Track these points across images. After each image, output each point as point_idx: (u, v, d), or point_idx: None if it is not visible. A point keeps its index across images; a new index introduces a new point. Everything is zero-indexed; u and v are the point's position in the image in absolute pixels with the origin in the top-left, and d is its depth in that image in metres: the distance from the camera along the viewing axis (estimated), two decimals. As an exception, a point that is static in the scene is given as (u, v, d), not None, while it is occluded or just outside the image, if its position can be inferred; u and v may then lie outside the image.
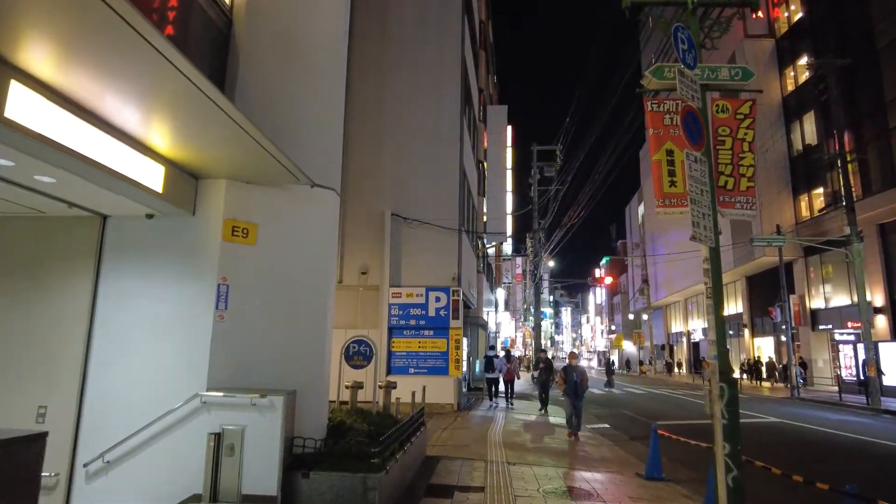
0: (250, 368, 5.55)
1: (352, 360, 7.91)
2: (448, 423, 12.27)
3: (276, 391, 5.24)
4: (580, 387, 10.77)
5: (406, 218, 15.17)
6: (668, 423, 14.09)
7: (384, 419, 7.59)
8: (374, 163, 15.70)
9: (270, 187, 5.88)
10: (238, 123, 4.53)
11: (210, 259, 5.52)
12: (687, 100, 5.43)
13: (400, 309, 14.74)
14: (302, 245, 6.07)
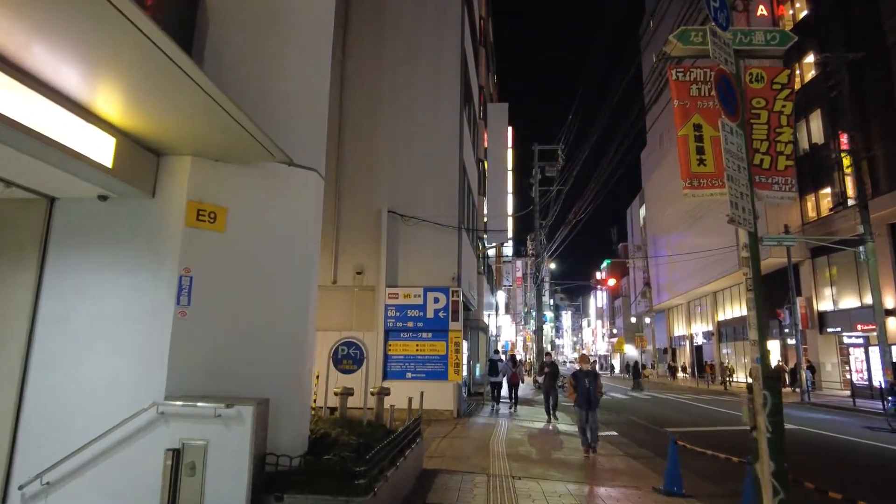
0: (217, 373, 4.78)
1: (340, 364, 7.15)
2: (447, 430, 11.48)
3: (245, 400, 4.47)
4: (593, 395, 9.24)
5: (403, 215, 14.42)
6: (678, 429, 13.30)
7: (376, 430, 6.81)
8: (370, 158, 14.96)
9: (243, 166, 5.13)
10: (202, 87, 3.79)
11: (171, 247, 4.76)
12: (720, 63, 4.70)
13: (397, 310, 13.97)
14: (280, 233, 5.31)
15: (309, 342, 5.50)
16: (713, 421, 15.14)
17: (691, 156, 5.03)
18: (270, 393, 4.85)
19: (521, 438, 10.84)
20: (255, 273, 5.11)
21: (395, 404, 12.47)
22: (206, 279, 4.84)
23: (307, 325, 5.46)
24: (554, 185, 27.08)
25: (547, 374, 14.41)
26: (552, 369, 14.47)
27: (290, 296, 5.33)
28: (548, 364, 14.99)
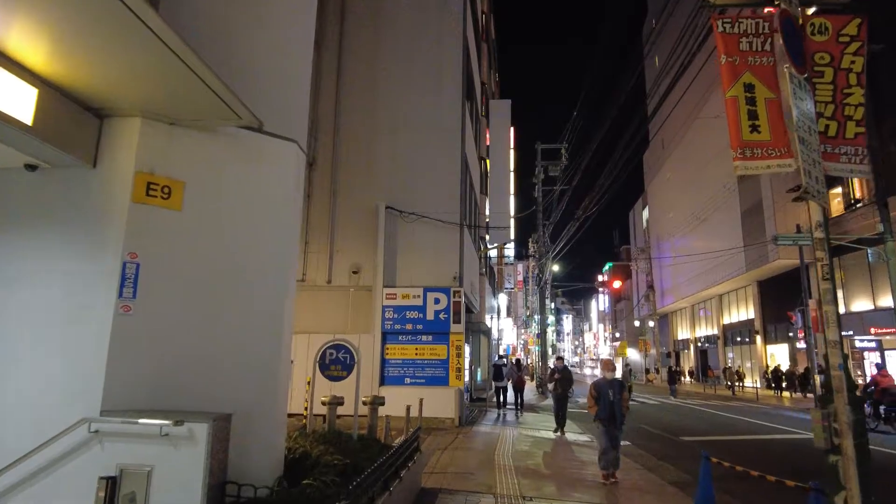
0: (168, 383, 3.88)
1: (328, 370, 6.26)
2: (449, 441, 10.56)
3: (199, 415, 3.57)
4: (618, 409, 7.42)
5: (402, 211, 13.54)
6: (693, 438, 12.38)
7: (367, 446, 5.90)
8: (367, 152, 14.10)
9: (205, 133, 4.25)
10: (150, 27, 2.94)
11: (114, 227, 3.87)
12: (781, 3, 3.84)
13: (395, 312, 13.07)
14: (250, 214, 4.42)
15: (285, 345, 4.61)
16: (730, 429, 14.20)
17: (742, 122, 4.16)
18: (236, 406, 3.96)
19: (529, 450, 9.92)
20: (218, 261, 4.22)
21: (393, 412, 11.62)
22: (157, 267, 3.95)
23: (282, 325, 4.56)
24: (557, 185, 26.18)
25: (558, 381, 12.54)
26: (564, 375, 12.70)
27: (263, 290, 4.43)
28: (559, 369, 12.86)
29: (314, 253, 13.76)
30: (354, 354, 6.32)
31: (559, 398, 12.53)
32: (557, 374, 12.66)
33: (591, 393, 7.62)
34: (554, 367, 13.28)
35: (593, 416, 7.58)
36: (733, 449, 10.97)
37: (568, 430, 12.54)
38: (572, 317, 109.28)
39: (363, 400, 6.90)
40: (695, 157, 37.08)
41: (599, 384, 7.58)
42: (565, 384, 12.56)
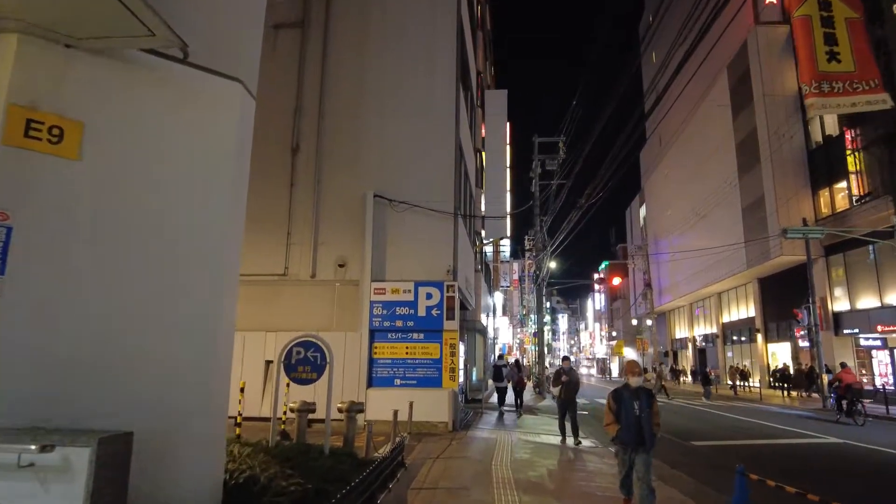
0: (54, 388, 2.84)
1: (295, 372, 5.23)
2: (441, 448, 9.53)
3: (80, 435, 2.54)
4: (647, 427, 5.35)
5: (392, 200, 12.50)
6: (705, 443, 11.38)
7: (339, 462, 4.86)
8: (355, 138, 13.07)
9: (115, 62, 3.21)
10: None
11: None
12: None
13: (384, 308, 12.03)
14: (177, 171, 3.39)
15: (222, 343, 3.56)
16: (742, 432, 13.23)
17: (817, 48, 3.30)
18: (149, 421, 2.93)
19: (531, 458, 8.90)
20: (130, 227, 3.18)
21: (382, 416, 10.63)
22: (40, 234, 2.92)
23: (220, 316, 3.52)
24: (555, 179, 25.19)
25: (564, 385, 10.67)
26: (572, 377, 10.91)
27: (193, 271, 3.39)
28: (566, 370, 10.98)
29: (297, 245, 12.71)
30: (326, 353, 5.29)
31: (566, 404, 10.71)
32: (565, 375, 10.75)
33: (610, 405, 5.60)
34: (560, 368, 11.19)
35: (612, 435, 5.58)
36: (752, 455, 9.98)
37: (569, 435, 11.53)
38: (567, 316, 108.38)
39: (338, 406, 5.87)
40: (694, 153, 36.21)
41: (621, 394, 5.55)
42: (572, 388, 10.71)
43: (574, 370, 11.77)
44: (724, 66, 31.33)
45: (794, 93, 26.84)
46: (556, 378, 10.86)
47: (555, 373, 11.18)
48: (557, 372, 11.04)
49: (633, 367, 5.84)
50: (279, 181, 13.00)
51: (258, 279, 12.58)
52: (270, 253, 12.68)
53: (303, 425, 5.76)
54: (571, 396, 10.72)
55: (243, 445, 4.48)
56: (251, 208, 12.32)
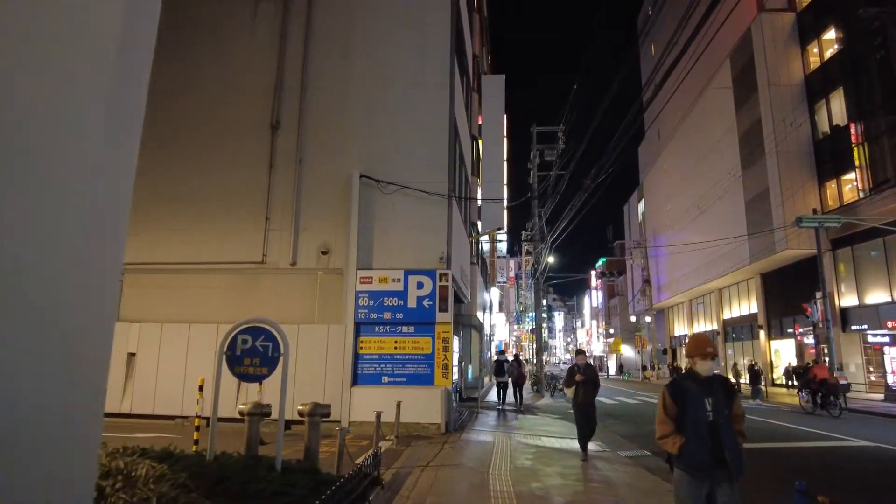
0: None
1: (240, 366, 4.05)
2: (432, 453, 8.39)
3: None
4: (728, 438, 3.33)
5: (379, 181, 11.35)
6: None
7: (290, 483, 3.69)
8: (340, 114, 11.91)
9: None
10: None
11: None
12: None
13: (370, 298, 10.88)
14: (12, 62, 2.19)
15: (89, 322, 2.38)
16: (765, 434, 12.12)
17: None
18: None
19: (533, 466, 7.75)
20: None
21: (369, 417, 9.50)
22: None
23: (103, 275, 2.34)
24: (553, 170, 24.06)
25: (580, 385, 8.40)
26: (589, 375, 8.49)
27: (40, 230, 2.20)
28: (580, 368, 8.60)
29: (276, 231, 11.53)
30: (279, 342, 4.14)
31: (584, 408, 8.39)
32: (580, 374, 8.47)
33: (666, 406, 3.51)
34: (574, 365, 8.88)
35: (674, 452, 3.41)
36: (788, 462, 8.87)
37: (566, 436, 10.39)
38: (564, 314, 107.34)
39: (299, 409, 4.71)
40: (694, 147, 35.14)
41: (684, 389, 3.48)
42: (590, 389, 8.43)
43: (592, 366, 9.07)
44: (725, 57, 30.26)
45: (801, 81, 25.82)
46: (570, 377, 8.58)
47: (567, 370, 8.89)
48: (571, 369, 8.79)
49: (704, 345, 3.50)
50: (257, 161, 11.84)
51: (233, 267, 11.42)
52: (247, 239, 11.51)
53: (254, 433, 4.60)
54: (590, 399, 8.39)
55: (160, 461, 3.32)
56: (225, 191, 11.13)
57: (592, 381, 8.50)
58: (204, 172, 11.95)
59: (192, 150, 12.09)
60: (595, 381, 8.54)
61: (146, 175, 12.02)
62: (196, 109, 12.24)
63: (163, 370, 10.93)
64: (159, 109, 12.31)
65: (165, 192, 11.92)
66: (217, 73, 12.37)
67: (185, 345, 10.97)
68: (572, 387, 8.53)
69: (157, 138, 12.19)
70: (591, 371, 8.69)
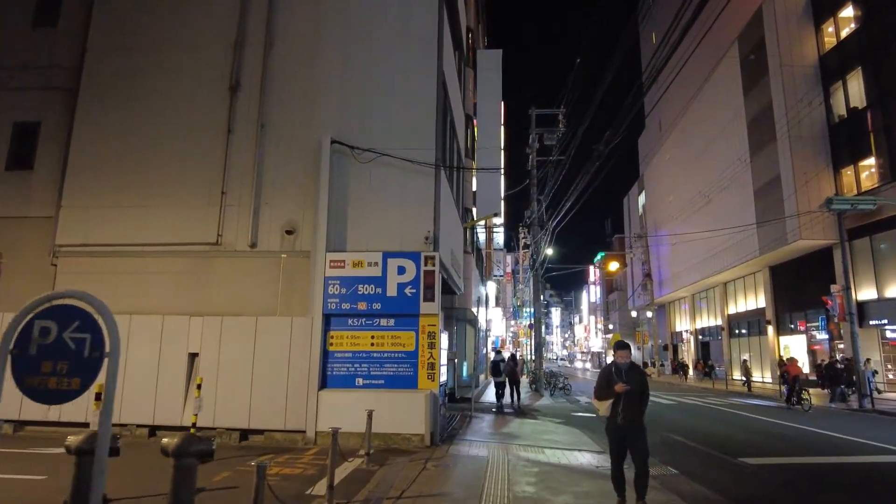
0: None
1: (36, 375, 2.23)
2: (411, 476, 6.59)
3: None
4: None
5: (354, 147, 9.52)
6: (760, 461, 8.42)
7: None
8: (309, 72, 10.08)
9: None
10: None
11: None
12: None
13: (343, 285, 9.06)
14: None
15: None
16: (798, 446, 10.34)
17: None
18: None
19: (538, 495, 5.92)
20: None
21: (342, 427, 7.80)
22: None
23: None
24: (553, 154, 22.21)
25: (624, 399, 5.19)
26: (635, 381, 5.25)
27: None
28: (621, 369, 5.31)
29: (233, 206, 9.70)
30: (104, 335, 2.32)
31: (628, 435, 5.20)
32: (622, 379, 5.20)
33: None
34: (612, 364, 5.46)
35: None
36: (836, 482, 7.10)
37: (573, 446, 8.59)
38: (560, 309, 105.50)
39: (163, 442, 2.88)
40: (698, 135, 33.33)
41: None
42: (637, 403, 5.21)
43: (637, 367, 5.47)
44: (733, 40, 28.46)
45: (815, 62, 24.03)
46: (606, 384, 5.25)
47: (601, 373, 5.43)
48: (606, 372, 5.35)
49: None
50: (212, 127, 10.00)
51: (182, 249, 9.59)
52: (199, 216, 9.68)
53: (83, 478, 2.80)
54: (636, 419, 5.16)
55: None
56: (174, 160, 9.28)
57: (640, 390, 5.23)
58: (152, 141, 10.11)
59: (138, 115, 10.24)
60: (644, 390, 5.29)
61: (83, 145, 10.19)
62: (143, 69, 10.39)
63: (98, 370, 9.08)
64: (99, 69, 10.46)
65: (107, 164, 10.08)
66: (168, 28, 10.52)
67: (126, 340, 9.14)
68: (608, 400, 5.22)
69: (97, 103, 10.35)
70: (639, 375, 5.31)
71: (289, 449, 8.31)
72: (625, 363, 5.30)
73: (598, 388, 5.33)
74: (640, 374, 5.36)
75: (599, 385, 5.30)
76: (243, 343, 8.93)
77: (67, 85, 10.64)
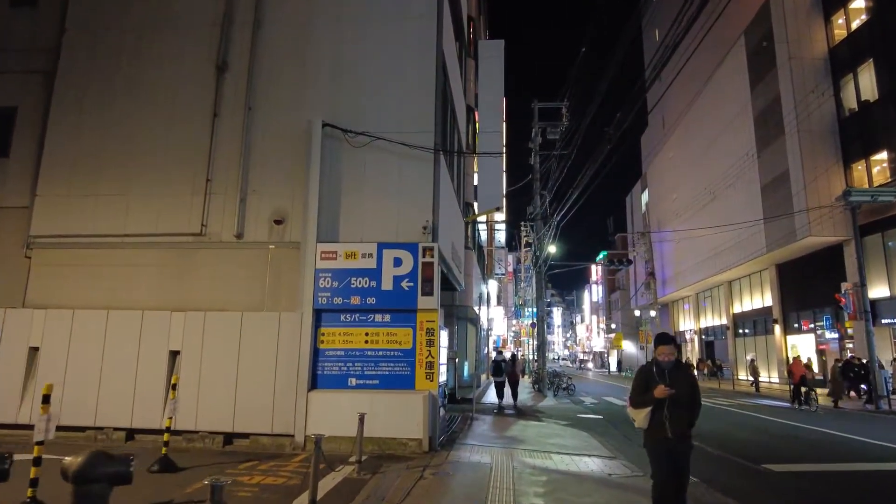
0: None
1: None
2: (406, 486, 5.91)
3: None
4: None
5: (347, 131, 8.84)
6: (786, 469, 7.70)
7: None
8: (300, 51, 9.41)
9: None
10: None
11: None
12: None
13: (334, 278, 8.39)
14: None
15: None
16: (825, 451, 9.66)
17: None
18: None
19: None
20: None
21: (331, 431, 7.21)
22: None
23: None
24: (556, 149, 21.55)
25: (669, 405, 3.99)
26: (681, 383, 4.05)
27: None
28: (666, 369, 4.11)
29: (219, 195, 9.03)
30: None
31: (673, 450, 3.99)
32: (665, 382, 4.02)
33: None
34: (652, 363, 4.26)
35: None
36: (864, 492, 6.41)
37: (581, 451, 7.90)
38: (562, 309, 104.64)
39: (63, 462, 2.21)
40: (703, 131, 32.61)
41: None
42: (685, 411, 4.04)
43: (684, 366, 4.45)
44: (738, 34, 27.77)
45: (824, 54, 23.33)
46: (643, 387, 4.14)
47: (637, 373, 4.34)
48: (644, 373, 4.24)
49: None
50: (198, 110, 9.34)
51: (164, 240, 8.92)
52: (182, 205, 9.02)
53: None
54: (683, 431, 4.00)
55: None
56: (156, 146, 8.58)
57: (689, 395, 4.06)
58: (133, 126, 9.44)
59: (119, 99, 9.58)
60: (694, 395, 4.11)
61: (60, 130, 9.54)
62: (125, 49, 9.73)
63: (74, 369, 8.43)
64: (78, 49, 9.81)
65: (85, 151, 9.42)
66: (152, 5, 9.86)
67: (103, 337, 8.48)
68: (646, 408, 4.06)
69: (75, 85, 9.69)
70: (687, 377, 4.17)
71: (275, 454, 7.64)
72: (668, 362, 4.12)
73: (633, 392, 4.22)
74: (689, 375, 4.26)
75: (635, 389, 4.20)
76: (228, 340, 8.26)
77: (46, 68, 9.98)
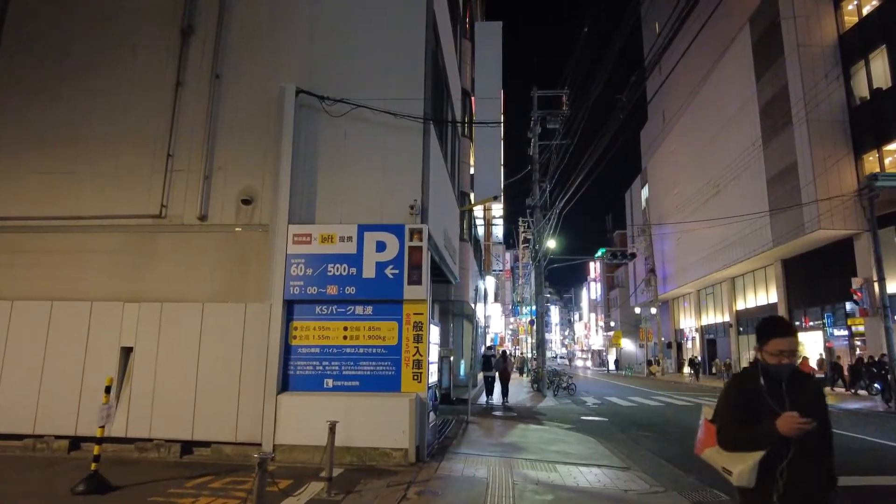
0: None
1: None
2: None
3: None
4: None
5: (324, 98, 7.73)
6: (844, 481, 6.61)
7: None
8: (271, 8, 8.30)
9: None
10: None
11: None
12: None
13: (309, 265, 7.28)
14: None
15: None
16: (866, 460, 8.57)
17: None
18: None
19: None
20: None
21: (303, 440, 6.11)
22: None
23: None
24: (556, 138, 20.46)
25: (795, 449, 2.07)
26: (806, 399, 2.16)
27: None
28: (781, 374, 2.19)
29: (181, 172, 7.91)
30: None
31: None
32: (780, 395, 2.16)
33: None
34: (761, 367, 2.25)
35: None
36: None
37: (590, 461, 6.81)
38: (559, 308, 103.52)
39: None
40: (706, 124, 31.54)
41: None
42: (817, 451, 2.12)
43: (808, 377, 2.29)
44: (742, 23, 26.72)
45: (834, 41, 22.28)
46: (743, 413, 2.19)
47: (730, 392, 2.30)
48: (746, 391, 2.24)
49: None
50: (158, 78, 8.22)
51: (118, 223, 7.81)
52: (140, 184, 7.90)
53: None
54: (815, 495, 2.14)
55: None
56: (112, 118, 7.25)
57: (821, 425, 2.11)
58: (85, 95, 8.32)
59: (70, 65, 8.46)
60: (825, 424, 2.17)
61: (3, 101, 8.41)
62: (75, 9, 8.62)
63: (10, 368, 7.32)
64: (24, 11, 8.69)
65: (27, 123, 8.30)
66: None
67: (45, 331, 7.37)
68: (755, 453, 2.13)
69: (20, 52, 8.57)
70: (817, 394, 2.28)
71: (239, 466, 6.53)
72: (787, 367, 2.21)
73: (722, 420, 2.28)
74: (818, 391, 2.30)
75: (728, 415, 2.26)
76: (187, 335, 7.15)
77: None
